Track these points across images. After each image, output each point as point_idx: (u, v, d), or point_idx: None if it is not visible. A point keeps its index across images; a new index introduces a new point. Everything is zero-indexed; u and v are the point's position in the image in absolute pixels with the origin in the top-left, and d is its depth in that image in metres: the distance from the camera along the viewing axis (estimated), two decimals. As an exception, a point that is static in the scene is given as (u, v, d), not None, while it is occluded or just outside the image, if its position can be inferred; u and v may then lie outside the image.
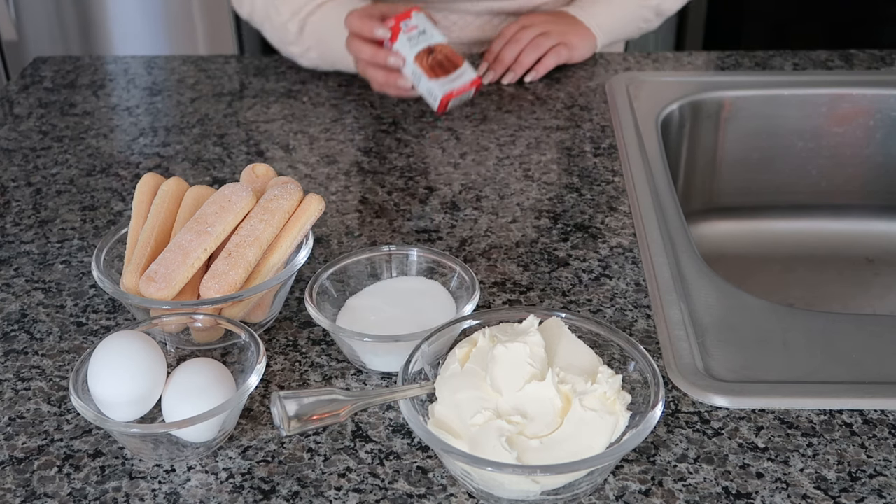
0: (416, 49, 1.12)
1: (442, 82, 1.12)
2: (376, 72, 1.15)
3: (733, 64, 1.31)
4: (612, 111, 1.18)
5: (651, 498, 0.64)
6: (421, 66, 1.11)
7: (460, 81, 1.13)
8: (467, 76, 1.13)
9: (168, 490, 0.65)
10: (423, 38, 1.13)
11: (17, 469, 0.67)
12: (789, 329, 0.79)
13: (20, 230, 0.96)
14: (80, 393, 0.66)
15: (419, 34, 1.13)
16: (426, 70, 1.11)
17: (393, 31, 1.12)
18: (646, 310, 0.82)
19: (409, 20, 1.13)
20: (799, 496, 0.64)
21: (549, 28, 1.27)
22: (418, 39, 1.12)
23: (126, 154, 1.11)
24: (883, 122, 1.23)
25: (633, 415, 0.65)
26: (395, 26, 1.12)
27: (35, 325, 0.82)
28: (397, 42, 1.12)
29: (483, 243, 0.92)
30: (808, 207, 1.28)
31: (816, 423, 0.70)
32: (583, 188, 1.02)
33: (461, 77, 1.13)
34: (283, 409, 0.62)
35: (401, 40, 1.12)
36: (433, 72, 1.12)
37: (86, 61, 1.37)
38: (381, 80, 1.16)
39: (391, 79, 1.15)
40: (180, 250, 0.75)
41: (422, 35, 1.13)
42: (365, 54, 1.14)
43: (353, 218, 0.97)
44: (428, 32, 1.13)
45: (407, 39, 1.12)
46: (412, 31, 1.12)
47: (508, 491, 0.63)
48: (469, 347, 0.67)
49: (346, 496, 0.64)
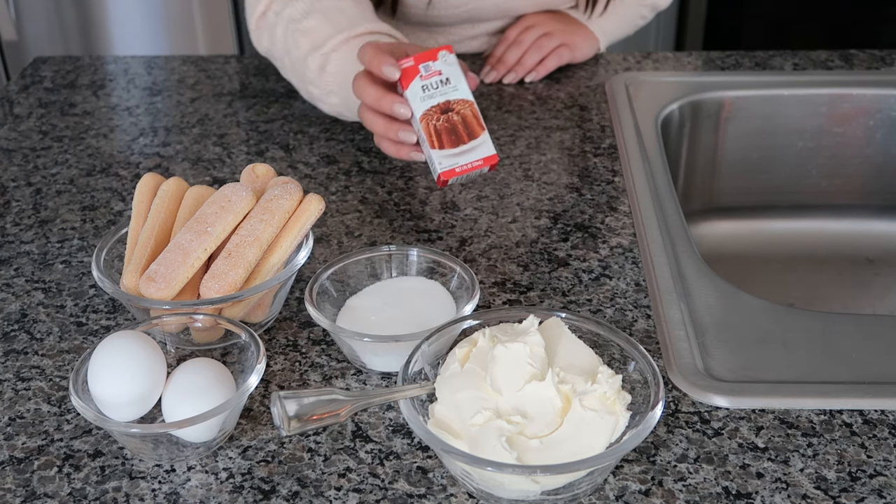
0: (429, 103, 0.88)
1: (446, 154, 0.88)
2: (376, 119, 0.91)
3: (733, 64, 1.31)
4: (612, 111, 1.18)
5: (651, 498, 0.64)
6: (426, 127, 0.88)
7: (470, 157, 0.88)
8: (481, 151, 0.88)
9: (168, 490, 0.65)
10: (443, 90, 0.89)
11: (17, 469, 0.67)
12: (789, 329, 0.79)
13: (20, 230, 0.96)
14: (80, 393, 0.66)
15: (439, 83, 0.89)
16: (431, 134, 0.88)
17: (407, 73, 0.89)
18: (646, 310, 0.82)
19: (433, 63, 0.89)
20: (799, 496, 0.64)
21: (552, 29, 1.28)
22: (435, 90, 0.89)
23: (126, 154, 1.11)
24: (883, 122, 1.23)
25: (633, 415, 0.65)
26: (411, 68, 0.89)
27: (35, 325, 0.82)
28: (409, 89, 0.89)
29: (483, 243, 0.92)
30: (808, 207, 1.28)
31: (816, 423, 0.70)
32: (583, 188, 1.02)
33: (473, 151, 0.88)
34: (283, 409, 0.62)
35: (413, 87, 0.89)
36: (439, 138, 0.88)
37: (86, 61, 1.37)
38: (379, 130, 0.92)
39: (391, 129, 0.90)
40: (180, 250, 0.75)
41: (442, 85, 0.89)
42: (368, 97, 0.91)
43: (353, 218, 0.97)
44: (452, 83, 0.89)
45: (421, 88, 0.89)
46: (431, 77, 0.89)
47: (508, 491, 0.63)
48: (469, 347, 0.67)
49: (346, 496, 0.64)
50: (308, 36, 1.05)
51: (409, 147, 0.91)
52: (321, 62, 1.04)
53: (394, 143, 0.91)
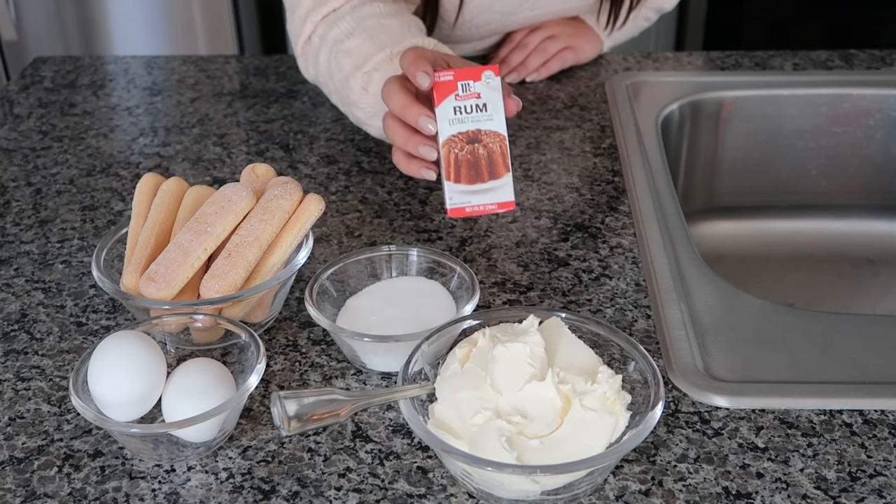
0: (458, 128, 0.79)
1: (460, 189, 0.80)
2: (397, 128, 0.83)
3: (733, 64, 1.31)
4: (612, 111, 1.18)
5: (651, 498, 0.64)
6: (447, 155, 0.79)
7: (484, 199, 0.80)
8: (499, 195, 0.80)
9: (168, 490, 0.65)
10: (476, 117, 0.79)
11: (17, 469, 0.67)
12: (789, 329, 0.79)
13: (20, 230, 0.96)
14: (80, 393, 0.66)
15: (474, 108, 0.79)
16: (449, 164, 0.79)
17: (441, 88, 0.79)
18: (646, 310, 0.82)
19: (473, 84, 0.79)
20: (799, 496, 0.64)
21: (558, 31, 1.27)
22: (468, 115, 0.79)
23: (126, 154, 1.11)
24: (883, 122, 1.23)
25: (633, 415, 0.65)
26: (448, 83, 0.79)
27: (35, 325, 0.82)
28: (440, 106, 0.79)
29: (483, 243, 0.92)
30: (808, 207, 1.28)
31: (816, 423, 0.70)
32: (583, 188, 1.02)
33: (490, 193, 0.80)
34: (283, 409, 0.62)
35: (444, 107, 0.79)
36: (457, 170, 0.79)
37: (86, 61, 1.37)
38: (398, 141, 0.83)
39: (410, 142, 0.82)
40: (180, 250, 0.75)
41: (477, 111, 0.79)
42: (394, 103, 0.82)
43: (353, 218, 0.97)
44: (488, 111, 0.79)
45: (453, 109, 0.79)
46: (468, 99, 0.79)
47: (508, 491, 0.63)
48: (469, 347, 0.67)
49: (346, 496, 0.64)
50: (350, 56, 0.98)
51: (420, 163, 0.83)
52: (364, 82, 0.97)
53: (406, 156, 0.84)
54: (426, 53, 0.82)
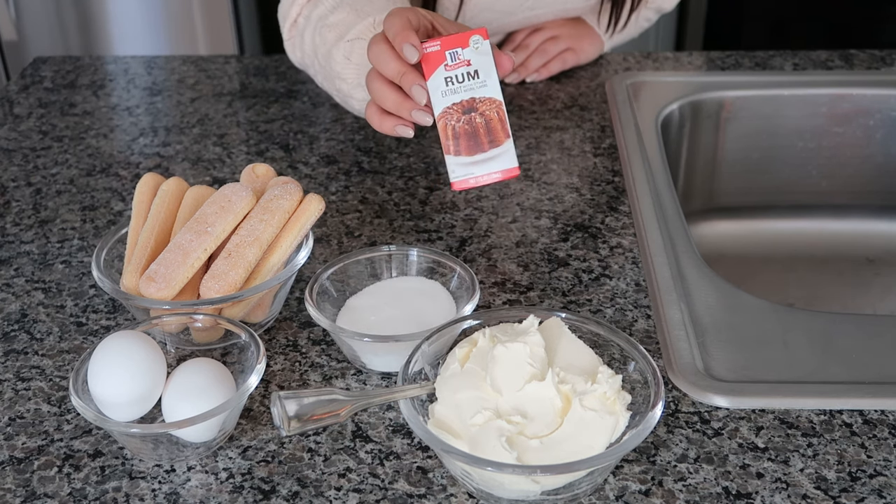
0: (451, 99, 0.76)
1: (462, 162, 0.76)
2: (387, 91, 0.77)
3: (733, 64, 1.31)
4: (612, 111, 1.18)
5: (651, 498, 0.64)
6: (444, 128, 0.76)
7: (487, 168, 0.76)
8: (501, 162, 0.76)
9: (168, 490, 0.65)
10: (468, 85, 0.76)
11: (17, 469, 0.67)
12: (789, 329, 0.79)
13: (20, 230, 0.96)
14: (80, 393, 0.66)
15: (465, 76, 0.76)
16: (448, 137, 0.76)
17: (430, 59, 0.75)
18: (646, 310, 0.82)
19: (462, 50, 0.75)
20: (799, 496, 0.64)
21: (559, 32, 1.27)
22: (460, 85, 0.76)
23: (126, 154, 1.11)
24: (883, 122, 1.23)
25: (633, 415, 0.65)
26: (436, 53, 0.75)
27: (35, 325, 0.82)
28: (430, 80, 0.76)
29: (483, 243, 0.92)
30: (808, 207, 1.28)
31: (816, 423, 0.70)
32: (583, 188, 1.02)
33: (493, 161, 0.76)
34: (283, 409, 0.62)
35: (435, 79, 0.75)
36: (456, 143, 0.76)
37: (86, 61, 1.37)
38: (390, 105, 0.77)
39: (404, 106, 0.77)
40: (180, 250, 0.75)
41: (469, 79, 0.76)
42: (388, 68, 0.76)
43: (353, 218, 0.97)
44: (481, 77, 0.76)
45: (444, 80, 0.75)
46: (458, 68, 0.75)
47: (508, 491, 0.63)
48: (469, 347, 0.67)
49: (346, 496, 0.64)
50: (334, 29, 0.95)
51: (395, 119, 0.78)
52: (346, 51, 0.94)
53: (381, 112, 0.79)
54: (410, 17, 0.77)
